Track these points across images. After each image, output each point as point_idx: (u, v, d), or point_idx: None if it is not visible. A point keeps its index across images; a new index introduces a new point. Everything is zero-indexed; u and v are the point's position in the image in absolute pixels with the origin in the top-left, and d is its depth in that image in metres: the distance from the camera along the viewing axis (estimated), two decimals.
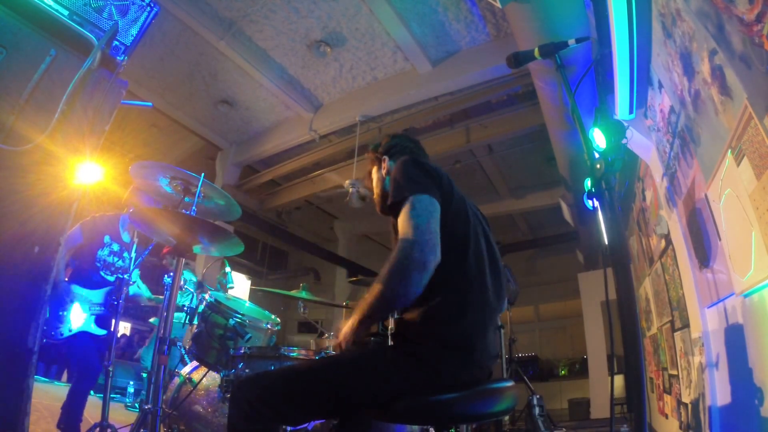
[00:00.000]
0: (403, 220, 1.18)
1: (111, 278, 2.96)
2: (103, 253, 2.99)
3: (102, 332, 2.85)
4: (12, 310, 1.26)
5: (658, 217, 3.45)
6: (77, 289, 2.81)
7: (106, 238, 3.02)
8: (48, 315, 2.67)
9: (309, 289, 2.89)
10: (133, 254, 2.64)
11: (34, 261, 1.31)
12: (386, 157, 1.57)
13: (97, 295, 2.87)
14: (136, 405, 4.57)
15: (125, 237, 3.09)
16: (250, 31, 4.97)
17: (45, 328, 2.67)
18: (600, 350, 7.18)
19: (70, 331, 2.76)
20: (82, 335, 2.79)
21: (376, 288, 1.13)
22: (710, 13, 1.68)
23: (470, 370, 1.19)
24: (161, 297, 3.03)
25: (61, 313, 2.74)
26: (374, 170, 1.63)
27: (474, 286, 1.24)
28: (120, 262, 3.03)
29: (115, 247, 3.04)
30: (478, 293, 1.24)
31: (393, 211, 1.25)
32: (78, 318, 2.80)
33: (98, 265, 2.95)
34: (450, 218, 1.25)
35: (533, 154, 6.86)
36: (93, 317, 2.84)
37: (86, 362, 2.71)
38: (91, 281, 2.90)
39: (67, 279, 2.86)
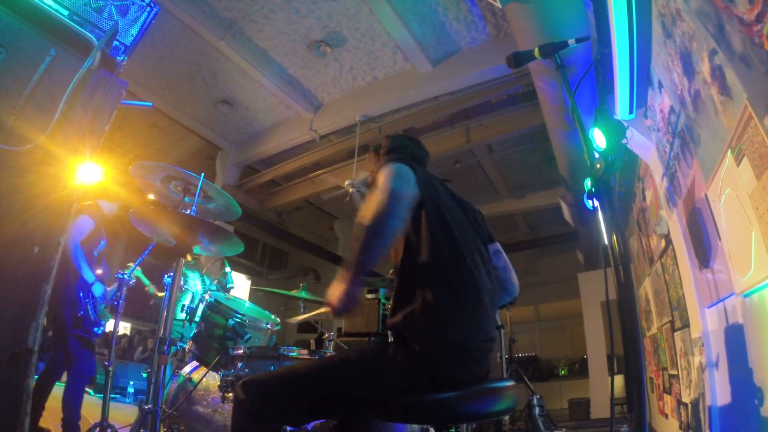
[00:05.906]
0: (374, 196, 1.20)
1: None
2: (101, 246, 2.97)
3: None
4: (12, 310, 1.26)
5: (658, 217, 3.45)
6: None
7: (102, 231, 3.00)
8: (91, 313, 2.72)
9: (309, 289, 2.89)
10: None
11: (34, 261, 1.31)
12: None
13: (98, 289, 2.84)
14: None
15: None
16: (250, 31, 4.97)
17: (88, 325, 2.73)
18: (600, 350, 7.17)
19: (101, 327, 2.80)
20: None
21: (348, 257, 1.16)
22: (710, 13, 1.68)
23: (468, 367, 1.20)
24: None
25: (97, 309, 2.77)
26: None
27: (467, 283, 1.25)
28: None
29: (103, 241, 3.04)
30: (471, 291, 1.26)
31: None
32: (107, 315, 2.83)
33: (95, 255, 2.92)
34: (438, 218, 1.28)
35: (533, 154, 6.86)
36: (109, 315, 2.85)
37: (92, 359, 2.72)
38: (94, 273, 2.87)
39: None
